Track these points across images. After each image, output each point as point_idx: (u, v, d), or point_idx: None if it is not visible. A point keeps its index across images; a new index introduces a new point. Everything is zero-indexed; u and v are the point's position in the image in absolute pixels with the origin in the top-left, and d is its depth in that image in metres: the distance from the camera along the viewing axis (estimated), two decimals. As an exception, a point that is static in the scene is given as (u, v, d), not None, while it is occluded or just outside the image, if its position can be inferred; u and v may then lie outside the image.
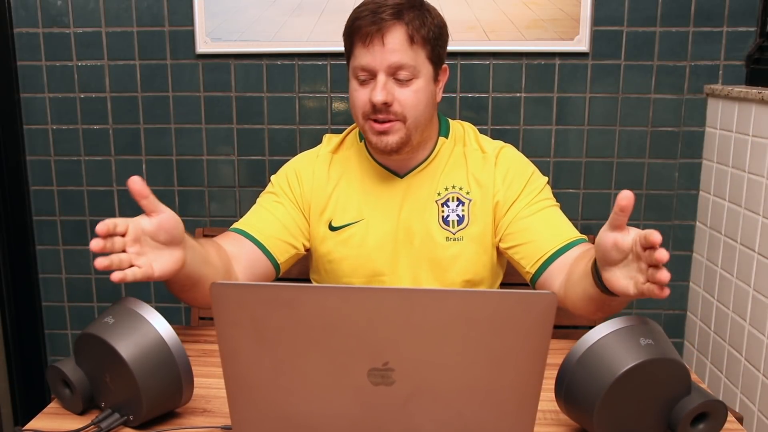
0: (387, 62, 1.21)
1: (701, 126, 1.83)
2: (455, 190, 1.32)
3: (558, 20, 1.77)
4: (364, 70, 1.23)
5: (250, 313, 0.75)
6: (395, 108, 1.23)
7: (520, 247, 1.30)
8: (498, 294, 0.76)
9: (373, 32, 1.20)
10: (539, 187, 1.32)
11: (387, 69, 1.21)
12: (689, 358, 1.93)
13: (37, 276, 2.01)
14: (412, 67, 1.22)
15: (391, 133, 1.24)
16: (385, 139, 1.25)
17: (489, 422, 0.78)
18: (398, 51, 1.21)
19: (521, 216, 1.29)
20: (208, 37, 1.83)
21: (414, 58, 1.22)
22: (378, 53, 1.21)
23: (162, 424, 0.97)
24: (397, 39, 1.21)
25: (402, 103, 1.23)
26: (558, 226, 1.29)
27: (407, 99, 1.23)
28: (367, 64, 1.22)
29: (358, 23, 1.22)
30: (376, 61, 1.21)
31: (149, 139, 1.91)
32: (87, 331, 0.95)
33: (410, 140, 1.26)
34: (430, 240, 1.31)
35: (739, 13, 1.76)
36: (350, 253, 1.33)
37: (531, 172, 1.34)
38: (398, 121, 1.23)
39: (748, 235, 1.63)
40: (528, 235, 1.28)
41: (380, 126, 1.24)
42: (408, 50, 1.21)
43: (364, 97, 1.24)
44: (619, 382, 0.85)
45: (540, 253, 1.26)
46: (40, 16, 1.85)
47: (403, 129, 1.24)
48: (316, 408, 0.79)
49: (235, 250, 1.26)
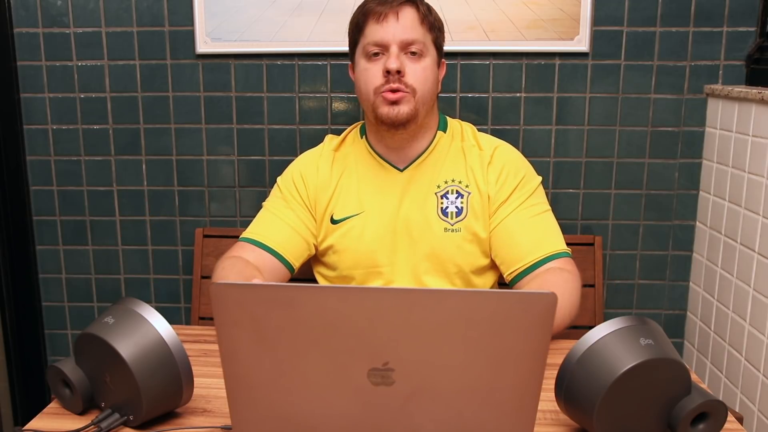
0: (400, 36, 1.29)
1: (701, 126, 1.83)
2: (455, 183, 1.36)
3: (558, 20, 1.77)
4: (377, 45, 1.30)
5: (250, 313, 0.75)
6: (407, 79, 1.29)
7: (501, 251, 1.35)
8: (498, 294, 0.76)
9: (387, 10, 1.30)
10: (530, 189, 1.36)
11: (400, 43, 1.29)
12: (689, 358, 1.93)
13: (37, 276, 2.01)
14: (422, 43, 1.31)
15: (402, 102, 1.30)
16: (396, 108, 1.30)
17: (489, 422, 0.78)
18: (410, 27, 1.30)
19: (508, 219, 1.34)
20: (208, 37, 1.83)
21: (424, 37, 1.31)
22: (392, 27, 1.29)
23: (162, 424, 0.97)
24: (409, 17, 1.30)
25: (412, 76, 1.30)
26: (542, 236, 1.34)
27: (417, 72, 1.30)
28: (381, 38, 1.29)
29: (371, 5, 1.32)
30: (389, 35, 1.29)
31: (149, 139, 1.91)
32: (87, 331, 0.95)
33: (417, 115, 1.32)
34: (428, 230, 1.34)
35: (739, 13, 1.76)
36: (350, 245, 1.36)
37: (524, 174, 1.37)
38: (408, 93, 1.29)
39: (748, 235, 1.63)
40: (511, 240, 1.33)
41: (393, 95, 1.29)
42: (419, 28, 1.30)
43: (376, 71, 1.30)
44: (619, 382, 0.85)
45: (519, 263, 1.32)
46: (40, 16, 1.85)
47: (413, 101, 1.30)
48: (316, 408, 0.79)
49: (258, 262, 1.33)
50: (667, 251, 1.90)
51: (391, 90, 1.29)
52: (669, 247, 1.90)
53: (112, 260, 1.98)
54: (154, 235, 1.96)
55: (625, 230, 1.90)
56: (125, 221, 1.96)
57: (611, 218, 1.89)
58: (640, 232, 1.90)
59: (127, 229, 1.96)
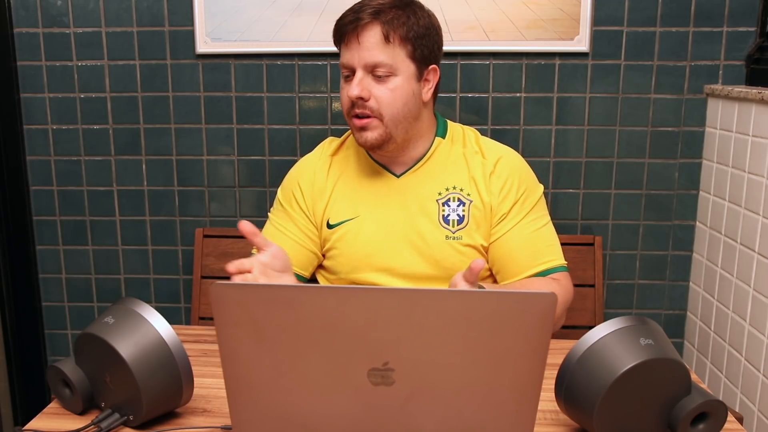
0: (363, 60, 1.25)
1: (701, 126, 1.83)
2: (456, 191, 1.34)
3: (558, 20, 1.77)
4: (345, 67, 1.28)
5: (250, 313, 0.75)
6: (371, 104, 1.27)
7: (498, 263, 1.35)
8: (498, 294, 0.76)
9: (350, 31, 1.26)
10: (532, 203, 1.36)
11: (364, 66, 1.26)
12: (689, 358, 1.93)
13: (37, 276, 2.01)
14: (388, 65, 1.26)
15: (369, 129, 1.28)
16: (364, 135, 1.29)
17: (489, 422, 0.78)
18: (372, 49, 1.25)
19: (508, 235, 1.34)
20: (208, 37, 1.83)
21: (391, 57, 1.26)
22: (355, 51, 1.26)
23: (162, 424, 0.97)
24: (372, 38, 1.25)
25: (378, 100, 1.26)
26: (540, 250, 1.34)
27: (383, 96, 1.26)
28: (347, 62, 1.27)
29: (340, 23, 1.28)
30: (354, 58, 1.26)
31: (149, 139, 1.91)
32: (87, 331, 0.95)
33: (392, 137, 1.29)
34: (430, 238, 1.33)
35: (739, 13, 1.76)
36: (345, 249, 1.36)
37: (526, 187, 1.36)
38: (375, 118, 1.27)
39: (748, 235, 1.63)
40: (509, 256, 1.33)
41: (359, 122, 1.28)
42: (384, 48, 1.25)
43: (344, 94, 1.29)
44: (619, 382, 0.85)
45: (514, 276, 1.33)
46: (40, 16, 1.85)
47: (381, 126, 1.28)
48: (316, 408, 0.79)
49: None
50: (667, 251, 1.91)
51: (356, 116, 1.28)
52: (669, 247, 1.90)
53: (112, 260, 1.98)
54: (154, 235, 1.96)
55: (625, 230, 1.90)
56: (125, 221, 1.96)
57: (611, 218, 1.89)
58: (640, 232, 1.90)
59: (127, 229, 1.96)
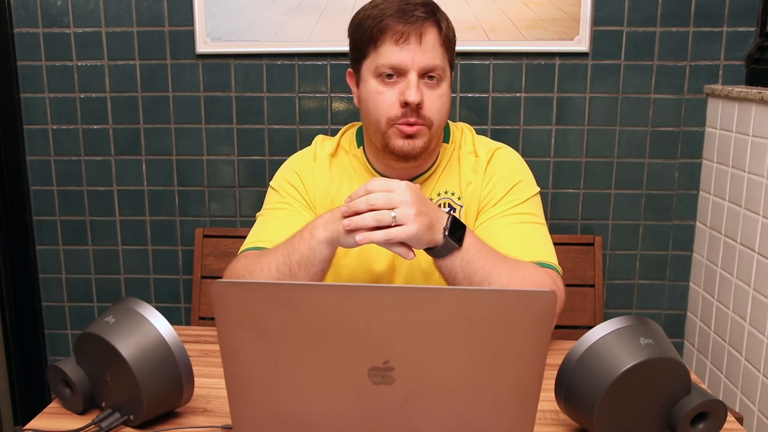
0: (422, 62, 1.15)
1: (701, 126, 1.83)
2: (447, 196, 1.29)
3: (558, 20, 1.77)
4: (394, 69, 1.16)
5: (251, 311, 0.75)
6: (425, 111, 1.17)
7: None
8: (498, 292, 0.76)
9: (409, 30, 1.14)
10: (523, 197, 1.26)
11: (420, 69, 1.15)
12: (689, 358, 1.93)
13: (37, 276, 2.01)
14: (442, 69, 1.17)
15: (418, 136, 1.18)
16: (412, 142, 1.18)
17: (489, 422, 0.78)
18: (431, 52, 1.15)
19: (492, 221, 1.24)
20: (208, 37, 1.83)
21: (443, 60, 1.18)
22: (412, 52, 1.14)
23: (162, 423, 0.97)
24: (431, 39, 1.16)
25: (430, 107, 1.17)
26: (530, 243, 1.20)
27: (435, 103, 1.17)
28: (400, 63, 1.15)
29: (389, 21, 1.15)
30: (408, 60, 1.14)
31: (149, 139, 1.91)
32: (88, 331, 0.95)
33: (430, 146, 1.21)
34: None
35: (739, 13, 1.76)
36: (348, 262, 1.30)
37: (517, 182, 1.27)
38: (425, 126, 1.17)
39: (748, 235, 1.63)
40: (494, 237, 1.20)
41: (410, 129, 1.17)
42: (440, 51, 1.17)
43: (391, 99, 1.17)
44: (619, 381, 0.85)
45: None
46: (40, 16, 1.85)
47: (427, 134, 1.18)
48: (316, 408, 0.79)
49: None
50: (667, 251, 1.91)
51: (408, 123, 1.16)
52: (669, 247, 1.90)
53: (112, 260, 1.98)
54: (154, 235, 1.96)
55: (625, 230, 1.90)
56: (125, 221, 1.96)
57: (611, 218, 1.89)
58: (640, 232, 1.90)
59: (127, 229, 1.96)
